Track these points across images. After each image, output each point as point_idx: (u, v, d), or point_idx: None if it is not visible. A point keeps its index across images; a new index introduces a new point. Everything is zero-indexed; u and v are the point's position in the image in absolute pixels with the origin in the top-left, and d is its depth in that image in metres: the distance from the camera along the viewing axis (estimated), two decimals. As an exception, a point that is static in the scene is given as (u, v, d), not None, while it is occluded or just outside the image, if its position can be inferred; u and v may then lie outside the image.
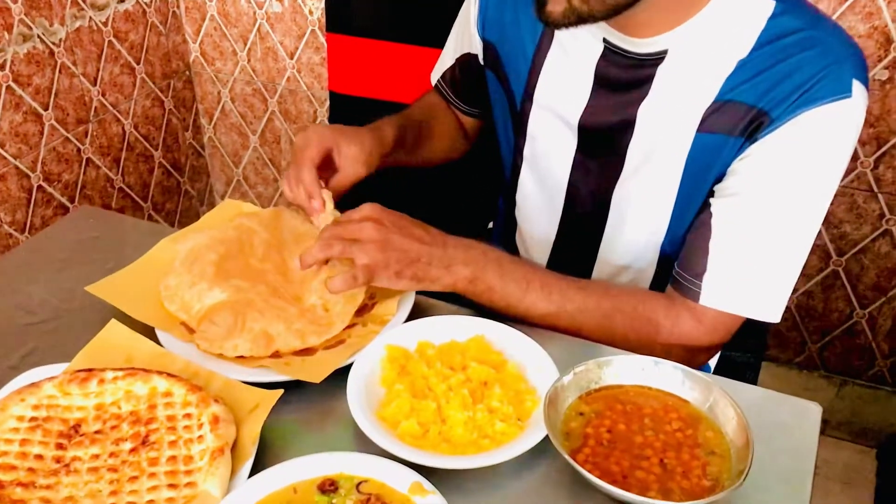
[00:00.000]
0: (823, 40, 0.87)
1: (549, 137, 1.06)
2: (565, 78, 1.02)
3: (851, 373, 1.95)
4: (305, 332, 0.90)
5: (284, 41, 2.07)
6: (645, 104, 0.96)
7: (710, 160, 0.94)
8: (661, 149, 0.97)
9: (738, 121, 0.91)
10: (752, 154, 0.91)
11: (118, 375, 0.84)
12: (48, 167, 1.83)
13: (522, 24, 1.05)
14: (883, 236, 1.75)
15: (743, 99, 0.90)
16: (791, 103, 0.87)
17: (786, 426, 0.86)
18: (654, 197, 1.00)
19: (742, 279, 0.93)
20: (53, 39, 1.77)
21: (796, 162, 0.89)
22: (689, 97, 0.94)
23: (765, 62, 0.89)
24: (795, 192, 0.90)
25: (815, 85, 0.86)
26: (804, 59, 0.87)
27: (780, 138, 0.88)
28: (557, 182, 1.08)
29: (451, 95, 1.26)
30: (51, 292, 1.03)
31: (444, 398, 0.84)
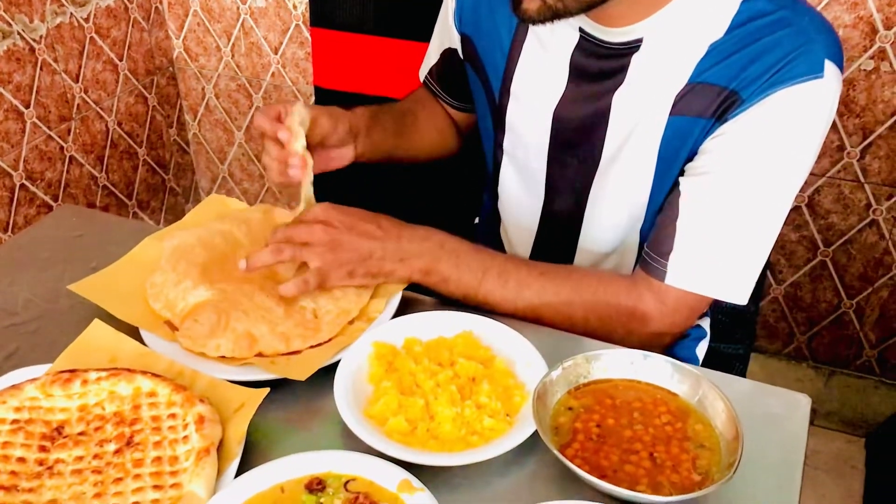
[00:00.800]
0: (796, 21, 0.87)
1: (526, 130, 1.06)
2: (541, 69, 1.02)
3: (840, 363, 1.96)
4: (290, 335, 0.89)
5: (269, 36, 2.06)
6: (619, 93, 0.96)
7: (682, 142, 0.94)
8: (636, 136, 0.97)
9: (709, 102, 0.90)
10: (722, 133, 0.90)
11: (102, 376, 0.83)
12: (31, 165, 1.81)
13: (498, 18, 1.04)
14: (870, 226, 1.75)
15: (714, 81, 0.90)
16: (763, 83, 0.86)
17: (775, 418, 0.86)
18: (631, 184, 1.00)
19: (708, 259, 0.92)
20: (34, 36, 1.75)
21: (767, 141, 0.88)
22: (662, 82, 0.93)
23: (737, 44, 0.88)
24: (765, 172, 0.89)
25: (787, 65, 0.85)
26: (776, 39, 0.86)
27: (752, 118, 0.88)
28: (536, 174, 1.08)
29: (438, 90, 1.26)
30: (33, 292, 1.02)
31: (432, 395, 0.83)
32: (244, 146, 2.29)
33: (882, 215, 1.73)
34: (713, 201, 0.91)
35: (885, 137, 1.65)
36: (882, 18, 1.54)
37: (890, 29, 1.54)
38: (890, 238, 1.75)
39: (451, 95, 1.26)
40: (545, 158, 1.06)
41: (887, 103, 1.61)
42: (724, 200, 0.91)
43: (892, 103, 1.61)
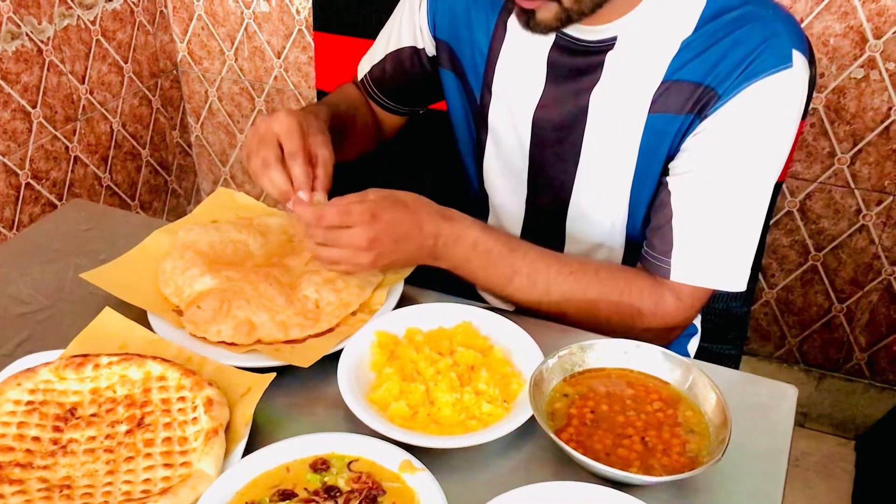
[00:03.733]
0: (760, 15, 0.91)
1: (507, 129, 1.08)
2: (520, 68, 1.04)
3: (830, 366, 1.99)
4: (289, 323, 0.92)
5: (272, 40, 2.09)
6: (596, 92, 0.99)
7: (662, 139, 0.97)
8: (615, 134, 1.00)
9: (686, 99, 0.94)
10: (703, 130, 0.94)
11: (113, 360, 0.86)
12: (36, 165, 1.84)
13: (474, 20, 1.06)
14: (860, 231, 1.79)
15: (689, 78, 0.93)
16: (735, 78, 0.90)
17: (763, 407, 0.89)
18: (613, 180, 1.03)
19: (708, 252, 0.96)
20: (42, 38, 1.78)
21: (746, 134, 0.92)
22: (638, 81, 0.96)
23: (707, 40, 0.92)
24: (747, 162, 0.93)
25: (756, 59, 0.89)
26: (743, 34, 0.90)
27: (729, 113, 0.91)
28: (518, 173, 1.11)
29: (375, 91, 1.23)
30: (44, 283, 1.05)
31: (432, 381, 0.86)
32: (246, 149, 2.32)
33: (872, 220, 1.76)
34: (703, 198, 0.95)
35: (874, 144, 1.68)
36: (872, 28, 1.58)
37: (879, 38, 1.58)
38: (880, 243, 1.78)
39: (389, 98, 1.24)
40: (527, 157, 1.08)
41: (877, 111, 1.65)
42: (713, 194, 0.94)
43: (881, 111, 1.65)
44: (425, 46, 1.15)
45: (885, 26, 1.56)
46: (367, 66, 1.23)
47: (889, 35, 1.57)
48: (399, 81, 1.21)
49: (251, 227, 1.07)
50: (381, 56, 1.20)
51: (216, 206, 1.14)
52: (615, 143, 1.00)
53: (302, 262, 1.03)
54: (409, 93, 1.22)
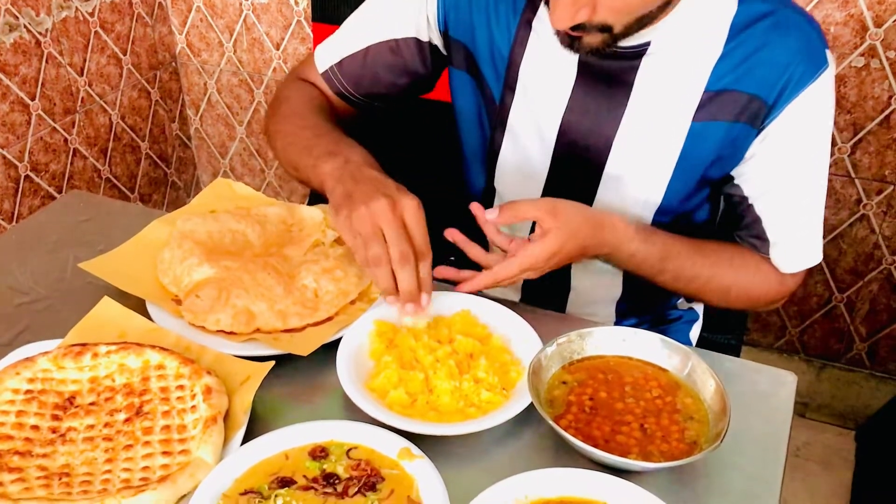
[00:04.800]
0: (792, 21, 0.94)
1: (529, 132, 1.06)
2: (548, 70, 1.01)
3: (831, 356, 1.99)
4: (287, 312, 0.92)
5: (270, 32, 2.09)
6: (633, 97, 0.98)
7: (706, 145, 0.99)
8: (652, 139, 1.00)
9: (735, 109, 0.96)
10: (766, 137, 0.97)
11: (111, 349, 0.86)
12: (35, 157, 1.84)
13: (493, 20, 1.03)
14: (860, 221, 1.79)
15: (736, 87, 0.95)
16: (782, 89, 0.93)
17: (762, 394, 0.89)
18: (643, 185, 1.03)
19: (803, 242, 1.04)
20: (40, 30, 1.78)
21: (807, 134, 0.97)
22: (676, 87, 0.97)
23: (746, 49, 0.94)
24: (814, 155, 0.99)
25: (798, 67, 0.92)
26: (781, 43, 0.93)
27: (787, 121, 0.95)
28: (538, 174, 1.08)
29: (343, 83, 1.13)
30: (43, 273, 1.05)
31: (431, 369, 0.86)
32: (245, 141, 2.32)
33: (872, 210, 1.76)
34: (787, 194, 1.01)
35: (874, 133, 1.68)
36: (872, 16, 1.57)
37: (880, 26, 1.57)
38: (880, 232, 1.78)
39: (358, 91, 1.13)
40: (549, 158, 1.06)
41: (877, 100, 1.64)
42: (794, 190, 1.00)
43: (881, 99, 1.64)
44: (431, 39, 1.09)
45: (885, 14, 1.56)
46: (336, 56, 1.12)
47: (890, 23, 1.56)
48: (382, 74, 1.11)
49: (249, 216, 1.07)
50: (358, 47, 1.10)
51: (215, 196, 1.14)
52: (651, 148, 1.00)
53: (300, 251, 1.03)
54: (390, 86, 1.13)
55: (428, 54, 1.10)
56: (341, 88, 1.13)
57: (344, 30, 1.13)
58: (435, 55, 1.11)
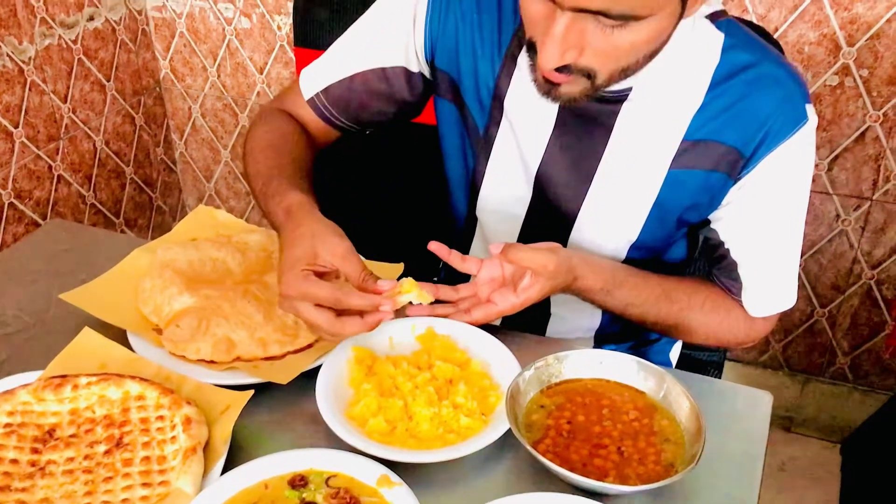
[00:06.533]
0: (774, 74, 0.94)
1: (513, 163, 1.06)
2: (531, 105, 1.01)
3: (814, 370, 2.01)
4: (268, 340, 0.93)
5: (254, 56, 2.10)
6: (612, 140, 0.99)
7: (682, 191, 1.00)
8: (629, 183, 1.01)
9: (713, 159, 0.97)
10: (742, 186, 0.98)
11: (92, 381, 0.86)
12: (19, 184, 1.84)
13: (479, 52, 1.03)
14: (839, 236, 1.81)
15: (714, 138, 0.96)
16: (760, 142, 0.94)
17: (738, 414, 0.91)
18: (619, 224, 1.04)
19: (777, 287, 1.05)
20: (23, 58, 1.79)
21: (783, 187, 0.98)
22: (656, 134, 0.98)
23: (727, 100, 0.95)
24: (789, 208, 1.00)
25: (776, 122, 0.93)
26: (761, 96, 0.94)
27: (763, 173, 0.96)
28: (519, 205, 1.09)
29: (330, 109, 1.12)
30: (24, 303, 1.05)
31: (410, 396, 0.87)
32: (230, 164, 2.33)
33: (851, 225, 1.78)
34: (762, 240, 1.02)
35: (851, 150, 1.70)
36: (845, 35, 1.60)
37: (853, 46, 1.60)
38: (859, 247, 1.80)
39: (345, 117, 1.13)
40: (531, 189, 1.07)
41: (852, 117, 1.67)
42: (769, 237, 1.02)
43: (857, 117, 1.67)
44: (421, 70, 1.09)
45: (857, 34, 1.59)
46: (321, 83, 1.10)
47: (862, 42, 1.59)
48: (369, 101, 1.10)
49: (230, 244, 1.07)
50: (345, 74, 1.09)
51: (196, 223, 1.14)
52: (628, 191, 1.01)
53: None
54: (377, 113, 1.12)
55: (416, 82, 1.10)
56: (327, 114, 1.13)
57: (330, 56, 1.11)
58: (423, 83, 1.10)
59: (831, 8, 1.58)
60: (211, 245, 1.06)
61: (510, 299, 0.94)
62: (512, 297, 0.94)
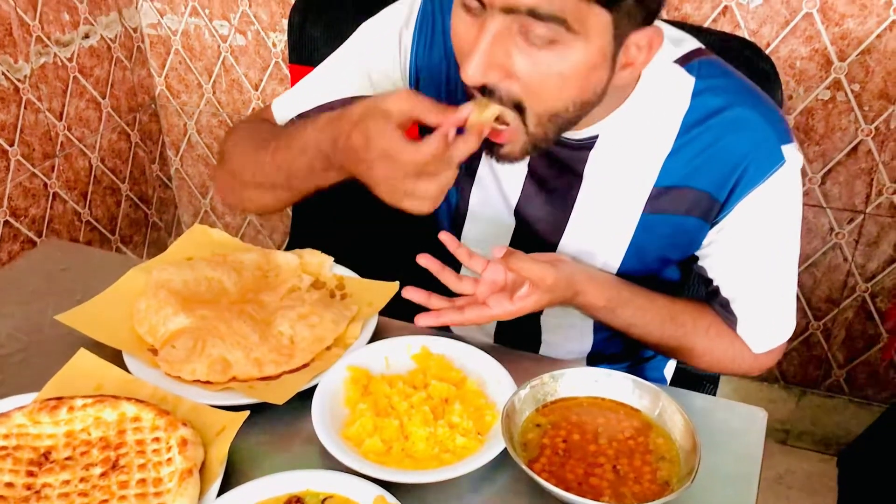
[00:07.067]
0: (746, 118, 0.92)
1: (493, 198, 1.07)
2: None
3: (810, 383, 2.01)
4: (263, 360, 0.93)
5: (249, 73, 2.11)
6: (583, 188, 0.99)
7: (659, 234, 1.00)
8: (601, 228, 1.01)
9: (686, 205, 0.97)
10: (723, 230, 0.98)
11: (88, 402, 0.86)
12: (15, 202, 1.84)
13: (460, 91, 1.01)
14: (833, 249, 1.82)
15: (688, 184, 0.96)
16: (733, 187, 0.94)
17: (734, 431, 0.91)
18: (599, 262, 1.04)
19: (769, 326, 1.05)
20: (18, 76, 1.79)
21: (765, 228, 0.97)
22: (626, 181, 0.97)
23: (697, 146, 0.94)
24: (775, 248, 1.00)
25: (749, 166, 0.92)
26: (732, 140, 0.93)
27: (740, 216, 0.96)
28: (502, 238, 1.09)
29: None
30: (19, 324, 1.05)
31: (406, 416, 0.87)
32: (226, 180, 2.33)
33: (844, 238, 1.79)
34: (750, 281, 1.02)
35: (843, 164, 1.72)
36: (836, 51, 1.61)
37: (844, 60, 1.61)
38: (853, 260, 1.81)
39: None
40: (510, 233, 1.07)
41: (844, 131, 1.68)
42: (758, 277, 1.01)
43: (849, 131, 1.68)
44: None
45: (848, 49, 1.60)
46: (302, 107, 1.07)
47: (853, 57, 1.61)
48: None
49: (226, 263, 1.07)
50: (318, 102, 1.06)
51: (191, 242, 1.14)
52: (604, 231, 1.01)
53: (277, 297, 1.04)
54: None
55: None
56: None
57: (303, 85, 1.09)
58: None
59: (822, 23, 1.59)
60: (206, 264, 1.06)
61: (505, 305, 0.94)
62: (507, 304, 0.94)
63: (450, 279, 0.97)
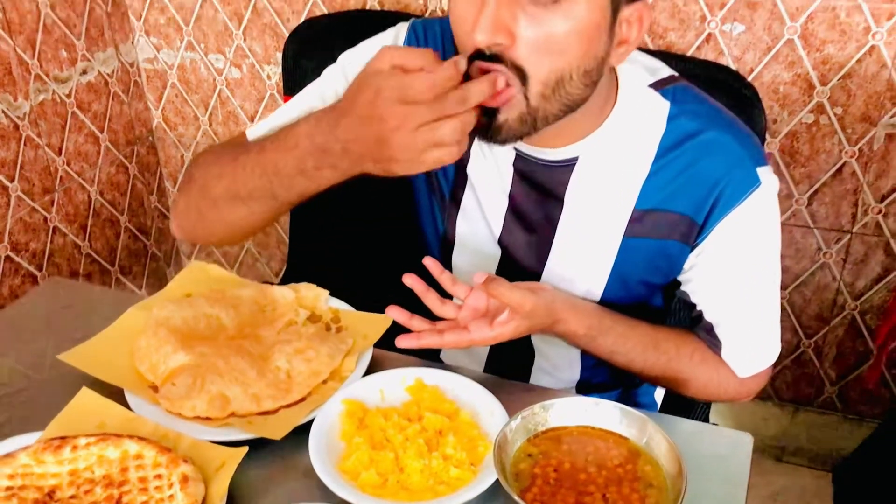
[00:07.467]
0: (721, 142, 0.96)
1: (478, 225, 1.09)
2: (488, 176, 1.05)
3: (803, 400, 2.03)
4: (261, 395, 0.95)
5: (245, 105, 2.14)
6: (565, 211, 1.02)
7: (642, 259, 1.03)
8: (584, 252, 1.04)
9: (666, 228, 1.00)
10: (702, 253, 1.00)
11: (91, 441, 0.88)
12: (15, 237, 1.87)
13: None
14: (821, 269, 1.84)
15: (666, 207, 0.99)
16: (710, 209, 0.97)
17: (720, 456, 0.93)
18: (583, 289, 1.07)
19: (753, 350, 1.07)
20: (18, 114, 1.83)
21: (744, 249, 0.99)
22: (606, 203, 1.00)
23: (674, 169, 0.97)
24: (755, 269, 1.02)
25: (725, 188, 0.95)
26: (708, 163, 0.96)
27: (719, 238, 0.98)
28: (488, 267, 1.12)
29: None
30: (22, 363, 1.07)
31: (401, 448, 0.89)
32: (223, 210, 2.36)
33: (832, 258, 1.82)
34: (732, 305, 1.04)
35: (829, 185, 1.75)
36: (818, 75, 1.65)
37: (826, 85, 1.65)
38: (841, 279, 1.84)
39: None
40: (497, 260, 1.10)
41: (829, 153, 1.71)
42: (740, 300, 1.03)
43: (833, 153, 1.71)
44: None
45: (829, 74, 1.64)
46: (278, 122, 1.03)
47: (834, 81, 1.64)
48: None
49: (224, 300, 1.10)
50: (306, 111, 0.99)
51: (190, 279, 1.17)
52: (586, 256, 1.04)
53: (274, 331, 1.06)
54: None
55: None
56: None
57: (283, 108, 1.09)
58: None
59: (804, 49, 1.63)
60: (205, 301, 1.09)
61: (485, 331, 0.95)
62: (486, 330, 0.95)
63: (433, 302, 0.98)
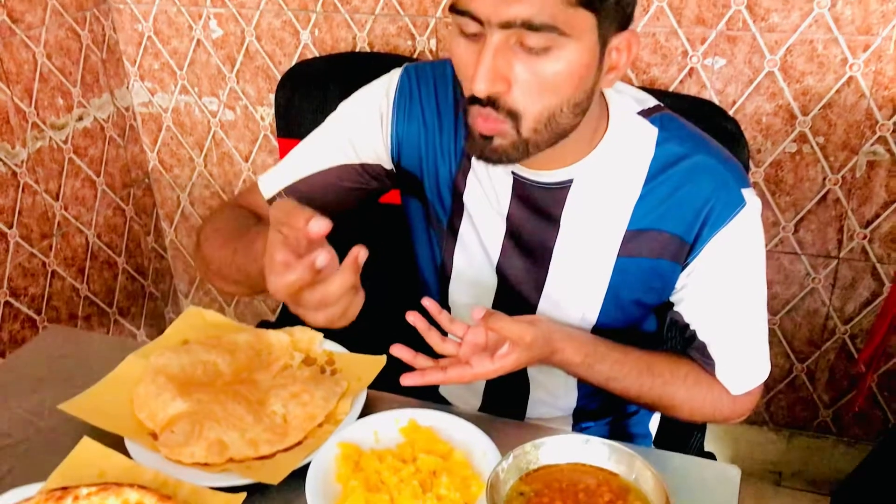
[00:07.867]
0: (706, 164, 1.02)
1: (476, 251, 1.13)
2: (485, 204, 1.09)
3: (798, 425, 2.05)
4: (258, 440, 0.97)
5: (239, 146, 2.18)
6: (561, 232, 1.06)
7: (635, 279, 1.07)
8: (580, 272, 1.08)
9: (658, 247, 1.04)
10: (693, 272, 1.04)
11: (92, 491, 0.90)
12: (15, 283, 1.89)
13: (438, 155, 1.10)
14: (811, 294, 1.87)
15: (658, 227, 1.03)
16: (699, 229, 1.02)
17: (708, 489, 0.95)
18: (579, 310, 1.10)
19: (745, 367, 1.10)
20: (16, 161, 1.86)
21: (733, 267, 1.04)
22: (600, 223, 1.05)
23: (664, 191, 1.02)
24: (744, 286, 1.06)
25: (713, 209, 1.01)
26: (696, 185, 1.01)
27: (709, 256, 1.03)
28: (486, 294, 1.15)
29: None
30: (23, 413, 1.09)
31: (396, 490, 0.91)
32: (219, 249, 2.39)
33: (821, 283, 1.85)
34: (723, 323, 1.07)
35: (814, 212, 1.78)
36: (799, 106, 1.69)
37: (807, 115, 1.69)
38: (830, 304, 1.86)
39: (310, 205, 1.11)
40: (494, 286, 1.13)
41: (813, 181, 1.75)
42: (731, 318, 1.07)
43: (817, 181, 1.75)
44: (392, 167, 1.14)
45: (810, 104, 1.67)
46: (287, 180, 1.13)
47: (815, 111, 1.68)
48: (337, 196, 1.13)
49: (220, 346, 1.12)
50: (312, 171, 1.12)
51: (187, 325, 1.19)
52: (581, 278, 1.08)
53: (270, 375, 1.09)
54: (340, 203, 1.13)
55: (384, 179, 1.15)
56: None
57: (287, 160, 1.15)
58: (389, 180, 1.16)
59: (784, 81, 1.67)
60: (202, 348, 1.11)
61: (486, 364, 0.98)
62: (488, 363, 0.98)
63: (434, 340, 1.01)
